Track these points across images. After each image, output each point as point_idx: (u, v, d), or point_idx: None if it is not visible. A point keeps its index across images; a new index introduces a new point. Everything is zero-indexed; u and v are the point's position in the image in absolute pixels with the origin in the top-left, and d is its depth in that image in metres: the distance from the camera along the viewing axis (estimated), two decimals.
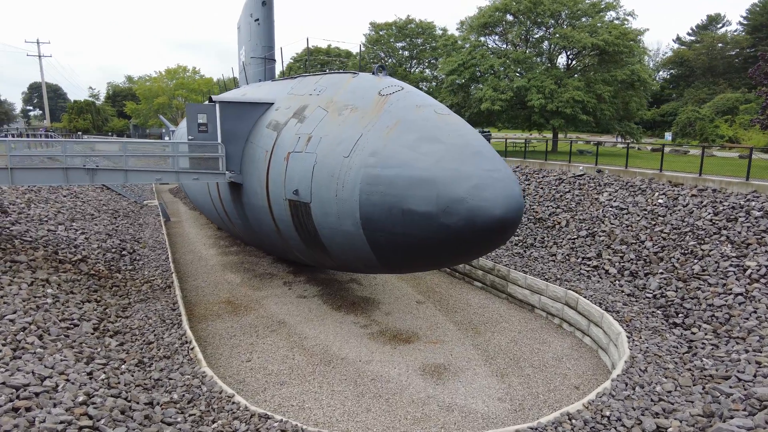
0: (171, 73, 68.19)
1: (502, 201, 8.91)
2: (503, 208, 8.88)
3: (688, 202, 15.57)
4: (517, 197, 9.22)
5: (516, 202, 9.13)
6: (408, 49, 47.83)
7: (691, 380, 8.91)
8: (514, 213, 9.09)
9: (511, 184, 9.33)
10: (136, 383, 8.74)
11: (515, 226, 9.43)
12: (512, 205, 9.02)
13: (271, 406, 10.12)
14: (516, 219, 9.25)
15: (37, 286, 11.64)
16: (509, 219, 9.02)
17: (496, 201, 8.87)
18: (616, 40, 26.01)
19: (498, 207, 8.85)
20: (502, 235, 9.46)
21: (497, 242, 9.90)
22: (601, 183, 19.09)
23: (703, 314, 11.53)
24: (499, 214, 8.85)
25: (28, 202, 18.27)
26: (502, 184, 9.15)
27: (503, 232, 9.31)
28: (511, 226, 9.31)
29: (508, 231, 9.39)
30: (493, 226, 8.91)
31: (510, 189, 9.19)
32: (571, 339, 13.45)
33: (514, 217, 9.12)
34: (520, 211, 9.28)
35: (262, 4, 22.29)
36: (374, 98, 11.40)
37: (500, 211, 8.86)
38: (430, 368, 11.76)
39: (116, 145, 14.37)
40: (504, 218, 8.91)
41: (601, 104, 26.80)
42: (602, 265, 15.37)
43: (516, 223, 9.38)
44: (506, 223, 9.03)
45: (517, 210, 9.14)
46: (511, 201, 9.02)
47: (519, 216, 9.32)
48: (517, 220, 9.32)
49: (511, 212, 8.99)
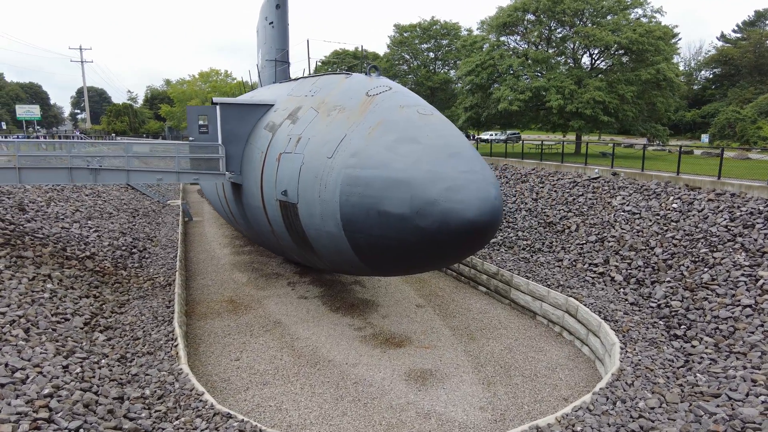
0: (204, 77, 70.29)
1: (476, 203, 8.61)
2: (476, 210, 8.57)
3: (703, 207, 14.70)
4: (491, 199, 8.88)
5: (490, 205, 8.80)
6: (433, 50, 47.52)
7: (679, 397, 8.36)
8: (488, 216, 8.77)
9: (486, 186, 9.00)
10: (111, 378, 8.94)
11: (491, 229, 9.09)
12: (486, 208, 8.70)
13: (250, 406, 10.16)
14: (491, 222, 8.91)
15: (38, 281, 12.11)
16: (483, 222, 8.70)
17: (469, 203, 8.58)
18: (641, 38, 24.89)
19: (471, 209, 8.56)
20: (477, 238, 9.14)
21: (474, 245, 9.58)
22: (616, 186, 18.31)
23: (707, 326, 10.82)
24: (471, 216, 8.55)
25: (48, 200, 19.13)
26: (476, 185, 8.84)
27: (478, 235, 8.99)
28: (487, 229, 8.98)
29: (484, 234, 9.07)
30: (466, 228, 8.62)
31: (485, 191, 8.86)
32: (569, 348, 12.91)
33: (488, 220, 8.79)
34: (496, 213, 8.94)
35: (276, 7, 22.61)
36: (362, 99, 11.31)
37: (473, 214, 8.56)
38: (416, 373, 11.53)
39: (121, 146, 14.84)
40: (477, 221, 8.60)
41: (623, 105, 25.69)
42: (608, 271, 14.70)
43: (492, 226, 9.05)
44: (480, 226, 8.71)
45: (491, 212, 8.81)
46: (485, 203, 8.70)
47: (495, 219, 8.98)
48: (492, 223, 8.98)
49: (484, 215, 8.67)
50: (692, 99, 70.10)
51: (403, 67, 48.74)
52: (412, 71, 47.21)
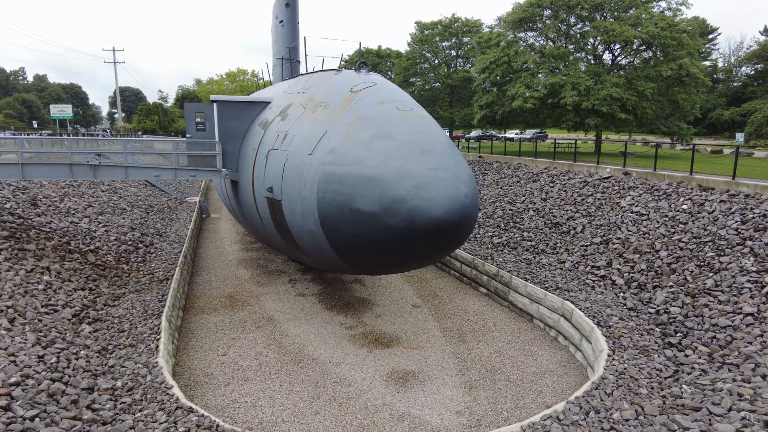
0: (231, 77, 71.73)
1: (443, 201, 8.33)
2: (443, 208, 8.29)
3: (714, 209, 13.91)
4: (461, 197, 8.57)
5: (459, 203, 8.49)
6: (454, 48, 46.88)
7: (658, 409, 7.87)
8: (457, 214, 8.46)
9: (456, 183, 8.70)
10: (86, 369, 9.12)
11: (462, 228, 8.78)
12: (454, 206, 8.40)
13: (226, 401, 10.19)
14: (460, 221, 8.61)
15: (36, 273, 12.51)
16: (450, 220, 8.41)
17: (435, 201, 8.31)
18: (663, 32, 23.75)
19: (438, 207, 8.29)
20: (447, 238, 8.85)
21: (445, 245, 9.28)
22: (626, 186, 17.56)
23: (704, 335, 10.20)
24: (438, 215, 8.28)
25: (62, 195, 19.81)
26: (445, 183, 8.55)
27: (447, 235, 8.70)
28: (456, 228, 8.68)
29: (454, 233, 8.77)
30: (433, 227, 8.36)
31: (454, 189, 8.56)
32: (562, 354, 12.43)
33: (456, 219, 8.49)
34: (466, 212, 8.62)
35: (285, 5, 22.74)
36: (345, 95, 11.18)
37: (440, 212, 8.28)
38: (398, 375, 11.32)
39: (121, 143, 15.19)
40: (444, 219, 8.32)
41: (642, 102, 24.57)
42: (610, 275, 14.10)
43: (462, 226, 8.74)
44: (448, 225, 8.42)
45: (459, 211, 8.50)
46: (453, 201, 8.41)
47: (464, 218, 8.66)
48: (462, 222, 8.67)
49: (452, 213, 8.38)
50: (731, 96, 66.80)
51: (424, 65, 48.33)
52: (432, 69, 46.73)
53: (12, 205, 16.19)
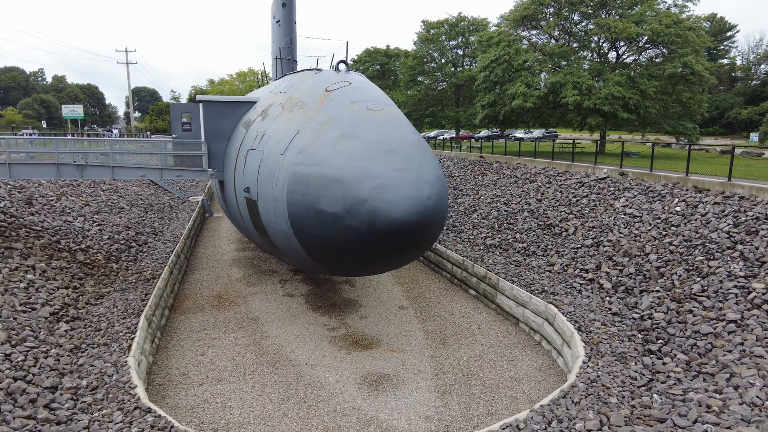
0: (241, 76, 72.32)
1: (404, 203, 8.14)
2: (404, 210, 8.11)
3: (707, 211, 13.46)
4: (422, 199, 8.37)
5: (421, 205, 8.29)
6: (461, 47, 46.52)
7: (624, 419, 7.59)
8: (418, 216, 8.27)
9: (419, 185, 8.50)
10: (53, 368, 9.16)
11: (425, 230, 8.58)
12: (415, 208, 8.21)
13: (197, 401, 10.17)
14: (422, 223, 8.41)
15: (20, 271, 12.66)
16: (411, 223, 8.22)
17: (396, 203, 8.13)
18: (667, 29, 23.11)
19: (398, 209, 8.11)
20: (410, 240, 8.66)
21: (409, 248, 9.08)
22: (621, 187, 17.13)
23: (685, 342, 9.85)
24: (398, 216, 8.10)
25: (60, 195, 20.09)
26: (408, 184, 8.37)
27: (409, 237, 8.51)
28: (419, 231, 8.49)
29: (417, 236, 8.57)
30: (393, 229, 8.18)
31: (417, 190, 8.37)
32: (544, 359, 12.15)
33: (418, 221, 8.29)
34: (429, 214, 8.42)
35: (282, 5, 22.73)
36: (321, 95, 11.07)
37: (400, 214, 8.10)
38: (372, 378, 11.18)
39: (108, 143, 15.30)
40: (404, 221, 8.13)
41: (645, 101, 23.93)
42: (598, 278, 13.74)
43: (425, 228, 8.54)
44: (409, 228, 8.24)
45: (421, 213, 8.31)
46: (414, 203, 8.22)
47: (427, 220, 8.46)
48: (424, 225, 8.47)
49: (413, 215, 8.19)
50: (749, 95, 65.00)
51: (431, 64, 48.05)
52: (439, 68, 46.43)
53: (6, 204, 16.45)
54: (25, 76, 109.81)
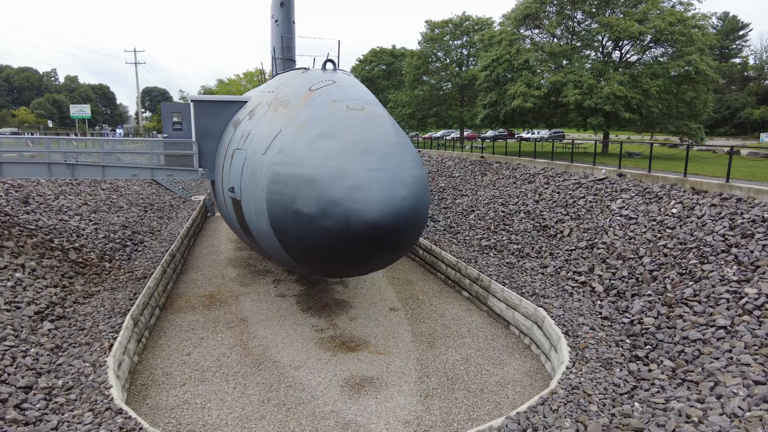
0: (249, 76, 72.62)
1: (377, 204, 7.99)
2: (377, 211, 7.95)
3: (704, 213, 13.13)
4: (397, 200, 8.21)
5: (394, 206, 8.13)
6: (466, 47, 46.20)
7: (602, 428, 7.37)
8: (391, 218, 8.10)
9: (393, 185, 8.34)
10: (30, 367, 9.15)
11: (401, 232, 8.41)
12: (388, 209, 8.05)
13: (176, 402, 10.11)
14: (398, 224, 8.24)
15: (9, 270, 12.72)
16: (385, 224, 8.06)
17: (369, 203, 7.97)
18: (671, 27, 22.66)
19: (371, 210, 7.95)
20: (385, 242, 8.49)
21: (385, 250, 8.90)
22: (618, 189, 16.81)
23: (673, 348, 9.58)
24: (371, 218, 7.94)
25: (58, 194, 20.23)
26: (382, 185, 8.21)
27: (383, 239, 8.35)
28: (393, 233, 8.32)
29: (392, 237, 8.40)
30: (367, 231, 8.02)
31: (390, 191, 8.21)
32: (532, 363, 11.92)
33: (392, 223, 8.13)
34: (404, 215, 8.25)
35: (280, 5, 22.69)
36: (304, 94, 10.96)
37: (373, 215, 7.95)
38: (355, 380, 11.04)
39: (99, 143, 15.35)
40: (378, 223, 7.97)
41: (648, 101, 23.48)
42: (590, 281, 13.48)
43: (400, 230, 8.37)
44: (383, 229, 8.07)
45: (395, 214, 8.14)
46: (387, 204, 8.05)
47: (402, 221, 8.29)
48: (399, 226, 8.30)
49: (386, 216, 8.02)
50: (762, 95, 63.82)
51: (435, 64, 47.79)
52: (443, 68, 46.17)
53: (1, 202, 16.58)
54: (38, 76, 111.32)
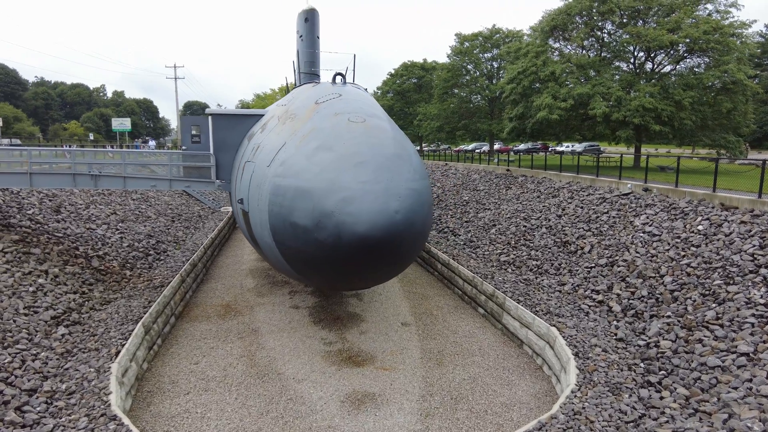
0: (282, 91, 74.46)
1: (367, 217, 7.86)
2: (368, 224, 7.82)
3: (732, 231, 12.35)
4: (389, 213, 8.04)
5: (386, 219, 7.97)
6: (496, 59, 45.80)
7: None
8: (382, 231, 7.94)
9: (386, 198, 8.18)
10: (37, 370, 9.46)
11: (394, 246, 8.23)
12: (380, 222, 7.90)
13: (178, 410, 10.20)
14: (388, 238, 8.07)
15: (33, 276, 13.29)
16: (375, 237, 7.90)
17: (359, 216, 7.86)
18: (705, 36, 21.68)
19: (361, 223, 7.83)
20: (377, 256, 8.32)
21: (379, 263, 8.72)
22: (643, 204, 16.09)
23: (688, 375, 8.96)
24: (362, 230, 7.82)
25: (89, 203, 21.13)
26: (373, 197, 8.07)
27: (376, 252, 8.18)
28: (385, 246, 8.15)
29: (385, 251, 8.23)
30: (358, 243, 7.90)
31: (382, 203, 8.06)
32: (542, 384, 11.42)
33: (382, 236, 7.96)
34: (396, 229, 8.07)
35: (304, 20, 23.19)
36: (310, 107, 11.05)
37: (364, 228, 7.82)
38: (357, 396, 10.86)
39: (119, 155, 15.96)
40: (368, 236, 7.84)
41: (680, 112, 22.41)
42: (608, 300, 12.86)
43: (392, 243, 8.19)
44: (374, 242, 7.92)
45: (387, 227, 7.97)
46: (379, 217, 7.91)
47: (394, 235, 8.11)
48: (392, 239, 8.13)
49: (377, 230, 7.87)
50: None
51: (465, 77, 47.58)
52: (473, 81, 45.89)
53: (34, 211, 17.43)
54: (89, 91, 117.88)
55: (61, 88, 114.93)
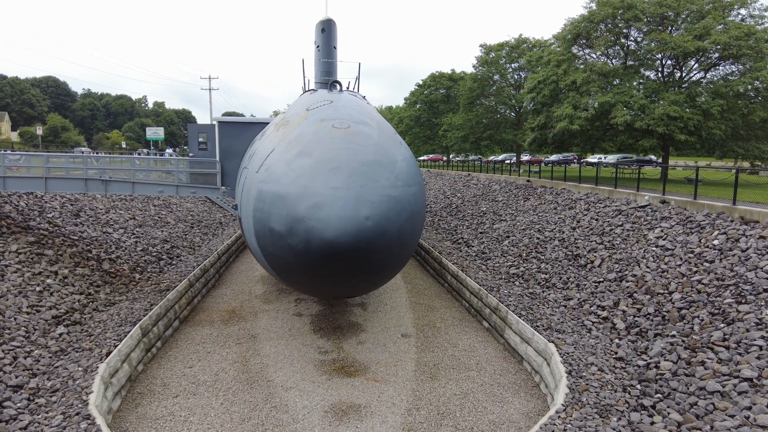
0: None
1: (336, 223, 7.69)
2: (336, 230, 7.65)
3: (749, 246, 11.53)
4: (359, 219, 7.84)
5: (355, 225, 7.77)
6: (522, 69, 45.08)
7: None
8: (351, 237, 7.75)
9: (356, 204, 7.99)
10: (27, 367, 9.72)
11: (365, 254, 8.01)
12: (348, 228, 7.71)
13: (163, 413, 10.27)
14: (360, 245, 7.86)
15: (42, 276, 13.78)
16: (343, 244, 7.72)
17: (328, 222, 7.70)
18: (736, 41, 20.55)
19: (330, 229, 7.67)
20: (348, 263, 8.12)
21: (351, 272, 8.48)
22: (659, 217, 15.29)
23: (685, 399, 8.32)
24: (329, 237, 7.65)
25: (109, 208, 21.88)
26: (343, 203, 7.90)
27: (345, 260, 7.98)
28: (355, 253, 7.94)
29: (355, 258, 8.02)
30: (327, 250, 7.74)
31: (352, 210, 7.88)
32: (536, 403, 10.90)
33: (350, 243, 7.76)
34: (365, 236, 7.86)
35: (321, 31, 23.48)
36: (301, 114, 11.06)
37: (331, 234, 7.65)
38: (341, 407, 10.65)
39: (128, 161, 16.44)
40: (336, 242, 7.66)
41: (708, 121, 21.22)
42: (613, 316, 12.21)
43: (362, 250, 7.96)
44: (341, 249, 7.73)
45: (356, 234, 7.77)
46: (347, 223, 7.72)
47: (364, 242, 7.90)
48: (362, 247, 7.91)
49: (345, 236, 7.69)
50: None
51: (492, 87, 47.04)
52: (498, 91, 45.29)
53: (54, 214, 18.16)
54: (131, 102, 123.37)
55: (106, 99, 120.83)
